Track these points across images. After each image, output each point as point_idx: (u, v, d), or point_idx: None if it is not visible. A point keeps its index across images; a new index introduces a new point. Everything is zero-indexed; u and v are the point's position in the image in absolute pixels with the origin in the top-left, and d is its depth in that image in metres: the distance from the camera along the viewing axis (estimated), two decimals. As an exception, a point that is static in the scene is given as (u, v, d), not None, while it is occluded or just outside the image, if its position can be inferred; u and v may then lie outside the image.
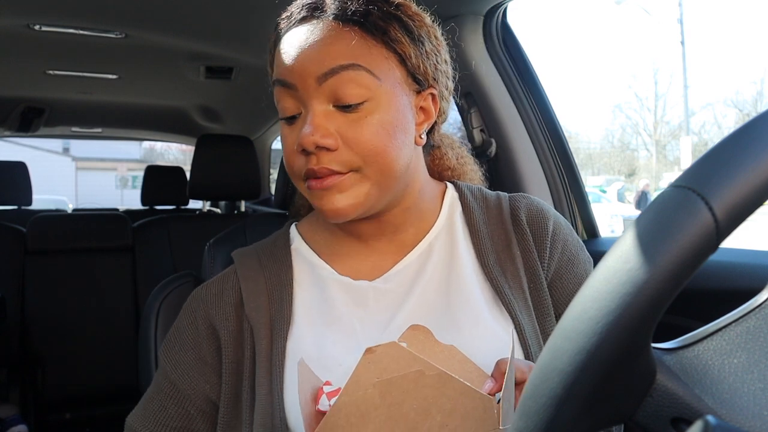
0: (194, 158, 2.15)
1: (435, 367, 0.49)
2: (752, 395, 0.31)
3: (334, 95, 0.61)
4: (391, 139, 0.63)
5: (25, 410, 2.10)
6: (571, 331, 0.30)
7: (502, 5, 1.23)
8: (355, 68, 0.61)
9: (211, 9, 1.48)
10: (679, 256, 0.28)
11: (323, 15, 0.63)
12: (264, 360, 0.66)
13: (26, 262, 2.17)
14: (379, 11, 0.64)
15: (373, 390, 0.48)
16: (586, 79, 36.78)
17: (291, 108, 0.64)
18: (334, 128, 0.62)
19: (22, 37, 1.68)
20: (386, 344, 0.49)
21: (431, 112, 0.69)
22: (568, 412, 0.30)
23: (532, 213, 0.74)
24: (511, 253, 0.71)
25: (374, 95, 0.62)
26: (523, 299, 0.68)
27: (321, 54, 0.61)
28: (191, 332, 0.72)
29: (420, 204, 0.72)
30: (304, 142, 0.61)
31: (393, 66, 0.64)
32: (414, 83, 0.66)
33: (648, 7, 23.87)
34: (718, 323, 0.34)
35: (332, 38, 0.62)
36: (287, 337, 0.67)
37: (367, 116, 0.62)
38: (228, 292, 0.72)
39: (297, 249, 0.75)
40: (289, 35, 0.65)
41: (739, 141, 0.29)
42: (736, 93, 29.56)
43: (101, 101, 2.71)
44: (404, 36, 0.64)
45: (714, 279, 0.93)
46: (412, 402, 0.49)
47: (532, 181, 1.28)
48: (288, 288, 0.70)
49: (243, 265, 0.74)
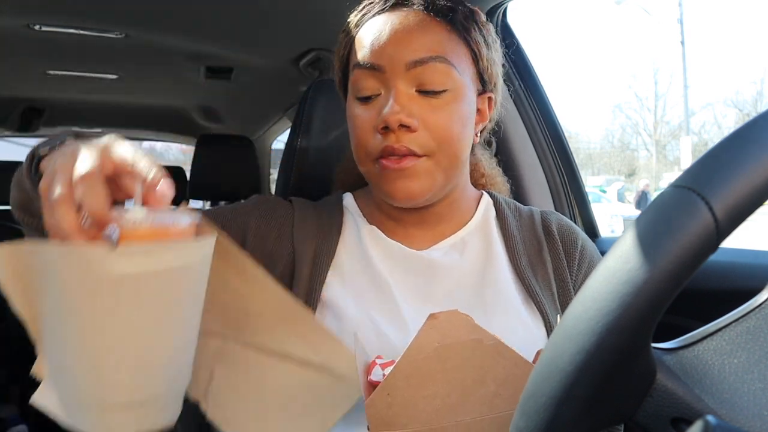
0: (194, 158, 2.15)
1: (493, 337, 0.50)
2: (752, 395, 0.31)
3: (419, 80, 0.65)
4: (463, 128, 0.67)
5: (25, 410, 2.10)
6: (571, 331, 0.30)
7: (502, 5, 1.23)
8: (442, 61, 0.65)
9: (211, 9, 1.48)
10: (679, 257, 0.28)
11: (413, 5, 0.68)
12: (304, 283, 0.68)
13: None
14: (462, 11, 0.69)
15: (433, 354, 0.50)
16: (586, 79, 36.82)
17: (371, 87, 0.67)
18: (416, 110, 0.65)
19: (22, 37, 1.68)
20: (449, 311, 0.50)
21: (486, 114, 0.74)
22: (568, 412, 0.30)
23: (563, 227, 0.78)
24: (542, 258, 0.74)
25: (454, 86, 0.66)
26: (552, 301, 0.71)
27: (412, 41, 0.65)
28: (239, 205, 0.75)
29: (461, 201, 0.75)
30: (390, 120, 0.63)
31: (469, 63, 0.69)
32: (480, 84, 0.72)
33: (648, 7, 23.86)
34: (718, 323, 0.34)
35: (423, 28, 0.66)
36: (326, 276, 0.69)
37: (448, 104, 0.66)
38: (280, 213, 0.75)
39: (348, 206, 0.78)
40: (376, 20, 0.68)
41: (739, 141, 0.29)
42: (736, 93, 29.62)
43: (101, 101, 2.71)
44: (481, 38, 0.70)
45: (714, 279, 0.93)
46: (469, 369, 0.50)
47: (532, 181, 1.27)
48: (336, 230, 0.73)
49: (299, 203, 0.77)
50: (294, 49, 1.61)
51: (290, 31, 1.54)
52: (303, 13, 1.43)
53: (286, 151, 1.00)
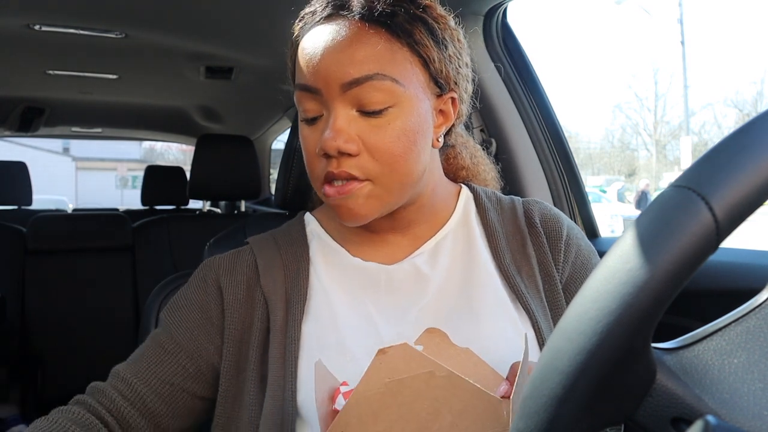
0: (194, 158, 2.15)
1: (445, 369, 0.49)
2: (752, 395, 0.31)
3: (358, 101, 0.61)
4: (412, 145, 0.63)
5: (25, 410, 2.10)
6: (571, 331, 0.30)
7: (502, 5, 1.23)
8: (380, 78, 0.60)
9: (211, 9, 1.48)
10: (679, 256, 0.28)
11: (349, 14, 0.62)
12: (279, 334, 0.66)
13: (26, 262, 2.17)
14: (405, 13, 0.63)
15: (384, 390, 0.49)
16: (586, 79, 36.81)
17: (313, 110, 0.64)
18: (356, 133, 0.61)
19: (22, 37, 1.68)
20: (398, 345, 0.49)
21: (450, 115, 0.69)
22: (568, 412, 0.30)
23: (546, 217, 0.75)
24: (526, 253, 0.71)
25: (398, 102, 0.62)
26: (539, 299, 0.69)
27: (346, 60, 0.60)
28: (200, 293, 0.71)
29: (434, 202, 0.72)
30: (327, 147, 0.60)
31: (416, 70, 0.63)
32: (435, 87, 0.66)
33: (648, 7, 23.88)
34: (718, 323, 0.34)
35: (358, 42, 0.61)
36: (304, 312, 0.67)
37: (390, 122, 0.62)
38: (241, 266, 0.72)
39: (312, 231, 0.75)
40: (312, 34, 0.64)
41: (739, 141, 0.29)
42: (736, 93, 29.59)
43: (101, 101, 2.71)
44: (429, 39, 0.64)
45: (714, 279, 0.93)
46: (423, 402, 0.50)
47: (532, 181, 1.28)
48: (304, 265, 0.71)
49: (258, 245, 0.74)
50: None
51: (290, 31, 1.54)
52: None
53: (286, 151, 1.00)
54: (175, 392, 0.68)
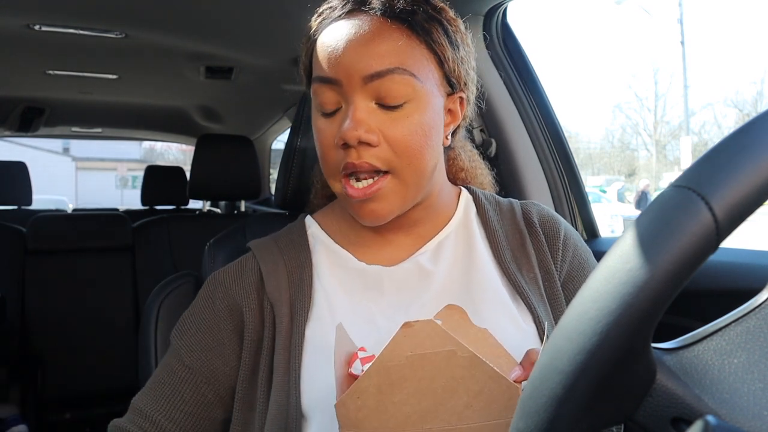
0: (194, 158, 2.15)
1: (467, 349, 0.50)
2: (752, 395, 0.31)
3: (378, 94, 0.63)
4: (427, 139, 0.64)
5: (25, 410, 2.10)
6: (571, 331, 0.30)
7: (502, 5, 1.23)
8: (401, 72, 0.62)
9: (211, 9, 1.48)
10: (679, 257, 0.28)
11: (370, 10, 0.64)
12: (284, 339, 0.66)
13: (26, 262, 2.17)
14: (423, 12, 0.65)
15: (405, 362, 0.50)
16: (586, 79, 36.82)
17: (331, 102, 0.65)
18: (375, 125, 0.63)
19: (22, 37, 1.68)
20: (423, 321, 0.50)
21: (458, 114, 0.71)
22: (568, 412, 0.30)
23: (544, 217, 0.76)
24: (526, 251, 0.73)
25: (415, 96, 0.63)
26: (539, 294, 0.70)
27: (369, 53, 0.62)
28: (208, 314, 0.71)
29: (438, 203, 0.74)
30: (347, 136, 0.62)
31: (432, 68, 0.65)
32: (447, 86, 0.68)
33: (648, 7, 23.86)
34: (718, 323, 0.34)
35: (380, 37, 0.62)
36: (308, 318, 0.67)
37: (408, 116, 0.63)
38: (247, 274, 0.72)
39: (314, 234, 0.76)
40: (333, 28, 0.65)
41: (739, 141, 0.29)
42: (736, 93, 29.58)
43: (101, 101, 2.71)
44: (444, 39, 0.66)
45: (714, 279, 0.93)
46: (441, 379, 0.50)
47: (532, 181, 1.27)
48: (307, 269, 0.71)
49: (261, 250, 0.74)
50: (294, 49, 1.61)
51: (290, 31, 1.54)
52: (303, 13, 1.43)
53: (286, 151, 0.99)
54: (200, 422, 0.69)
